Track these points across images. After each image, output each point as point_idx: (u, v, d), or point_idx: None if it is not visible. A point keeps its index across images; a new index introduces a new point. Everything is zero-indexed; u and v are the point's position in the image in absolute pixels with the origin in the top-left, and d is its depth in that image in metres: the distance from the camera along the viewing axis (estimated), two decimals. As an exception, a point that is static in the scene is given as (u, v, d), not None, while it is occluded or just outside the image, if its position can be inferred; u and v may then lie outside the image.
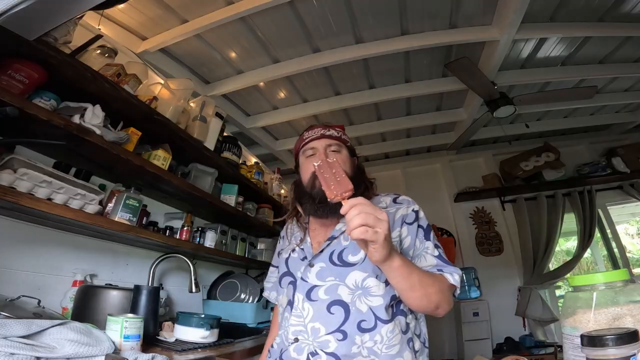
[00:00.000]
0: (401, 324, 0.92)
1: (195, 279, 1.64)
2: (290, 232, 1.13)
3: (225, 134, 2.23)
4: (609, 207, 3.78)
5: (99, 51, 1.41)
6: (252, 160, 2.98)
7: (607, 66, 2.86)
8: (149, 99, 1.55)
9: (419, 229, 0.97)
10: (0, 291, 1.04)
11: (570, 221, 3.73)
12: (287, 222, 1.19)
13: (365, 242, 0.72)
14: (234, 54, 2.53)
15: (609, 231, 3.70)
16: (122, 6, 1.90)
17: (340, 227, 1.00)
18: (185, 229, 1.85)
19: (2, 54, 1.07)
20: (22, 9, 0.91)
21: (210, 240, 1.94)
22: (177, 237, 1.83)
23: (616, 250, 3.60)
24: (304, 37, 2.40)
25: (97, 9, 1.16)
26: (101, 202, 1.30)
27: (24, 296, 1.01)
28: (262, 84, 2.84)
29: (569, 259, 3.61)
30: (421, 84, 2.98)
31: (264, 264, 2.52)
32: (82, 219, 1.18)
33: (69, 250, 1.43)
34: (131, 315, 1.05)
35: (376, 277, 0.91)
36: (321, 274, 0.95)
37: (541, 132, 3.99)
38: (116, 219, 1.33)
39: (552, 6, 2.25)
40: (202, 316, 1.40)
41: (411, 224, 0.97)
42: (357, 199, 0.71)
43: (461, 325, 3.37)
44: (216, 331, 1.41)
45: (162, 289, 1.81)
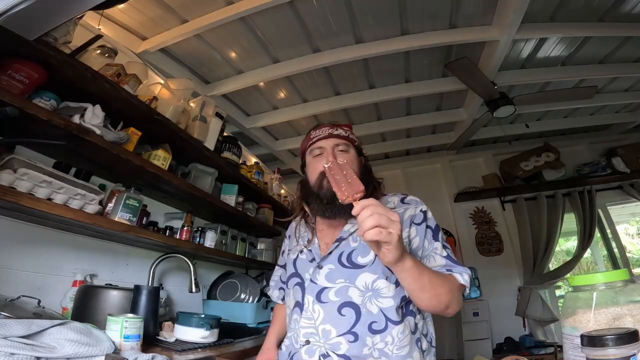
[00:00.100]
0: (410, 325, 0.92)
1: (195, 279, 1.64)
2: (297, 232, 1.12)
3: (225, 134, 2.23)
4: (609, 207, 3.78)
5: (99, 51, 1.41)
6: (252, 160, 2.98)
7: (607, 66, 2.86)
8: (149, 99, 1.55)
9: (428, 229, 0.97)
10: (0, 291, 1.04)
11: (570, 221, 3.73)
12: (294, 222, 1.18)
13: (377, 243, 0.71)
14: (234, 54, 2.54)
15: (609, 231, 3.70)
16: (122, 6, 1.90)
17: (348, 228, 0.99)
18: (185, 229, 1.85)
19: (2, 54, 1.07)
20: (22, 9, 0.91)
21: (210, 240, 1.94)
22: (177, 237, 1.83)
23: (616, 250, 3.60)
24: (304, 37, 2.40)
25: (97, 9, 1.16)
26: (101, 202, 1.30)
27: (24, 296, 1.01)
28: (262, 84, 2.84)
29: (569, 259, 3.62)
30: (421, 84, 2.98)
31: (264, 264, 2.52)
32: (82, 219, 1.18)
33: (69, 250, 1.43)
34: (131, 315, 1.05)
35: (386, 279, 0.91)
36: (330, 276, 0.94)
37: (541, 132, 3.99)
38: (116, 219, 1.33)
39: (552, 6, 2.25)
40: (202, 316, 1.40)
41: (419, 224, 0.97)
42: (368, 200, 0.71)
43: (461, 325, 3.37)
44: (216, 331, 1.41)
45: (162, 289, 1.81)
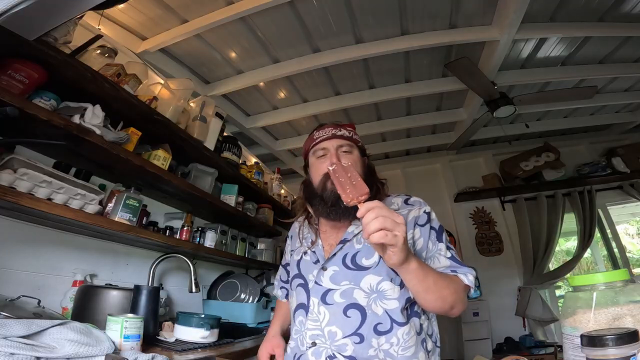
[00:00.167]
0: (416, 326, 0.92)
1: (195, 279, 1.64)
2: (300, 233, 1.12)
3: (225, 134, 2.23)
4: (609, 207, 3.78)
5: (99, 51, 1.41)
6: (252, 160, 2.98)
7: (607, 66, 2.86)
8: (149, 99, 1.55)
9: (432, 230, 0.97)
10: (0, 291, 1.04)
11: (570, 221, 3.73)
12: (296, 222, 1.18)
13: (382, 246, 0.71)
14: (234, 54, 2.53)
15: (609, 231, 3.70)
16: (122, 6, 1.90)
17: (352, 229, 0.99)
18: (185, 229, 1.85)
19: (2, 54, 1.07)
20: (22, 9, 0.91)
21: (210, 240, 1.94)
22: (177, 237, 1.83)
23: (616, 250, 3.60)
24: (304, 37, 2.40)
25: (97, 9, 1.16)
26: (101, 202, 1.30)
27: (24, 296, 1.01)
28: (262, 84, 2.84)
29: (569, 259, 3.62)
30: (421, 84, 2.98)
31: (264, 264, 2.52)
32: (82, 219, 1.18)
33: (69, 250, 1.43)
34: (131, 315, 1.05)
35: (391, 281, 0.91)
36: (335, 278, 0.94)
37: (541, 132, 3.99)
38: (116, 219, 1.33)
39: (552, 6, 2.25)
40: (202, 316, 1.40)
41: (423, 225, 0.97)
42: (373, 202, 0.71)
43: (461, 325, 3.37)
44: (216, 331, 1.41)
45: (162, 289, 1.81)
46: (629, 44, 2.60)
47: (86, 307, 1.21)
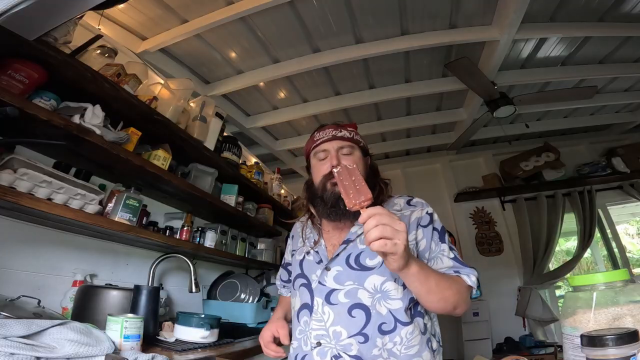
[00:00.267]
0: (420, 325, 0.93)
1: (195, 279, 1.64)
2: (303, 233, 1.11)
3: (225, 134, 2.23)
4: (609, 207, 3.78)
5: (99, 51, 1.41)
6: (252, 160, 2.98)
7: (607, 66, 2.86)
8: (149, 99, 1.55)
9: (434, 231, 0.97)
10: (0, 291, 1.04)
11: (570, 221, 3.73)
12: (298, 222, 1.18)
13: (383, 252, 0.72)
14: (234, 54, 2.53)
15: (609, 231, 3.70)
16: (122, 6, 1.90)
17: (355, 230, 0.99)
18: (185, 229, 1.85)
19: (2, 54, 1.07)
20: (22, 9, 0.91)
21: (210, 240, 1.95)
22: (177, 237, 1.83)
23: (616, 250, 3.60)
24: (304, 37, 2.40)
25: (97, 9, 1.16)
26: (101, 202, 1.30)
27: (24, 296, 1.01)
28: (262, 84, 2.84)
29: (569, 259, 3.62)
30: (421, 84, 2.97)
31: (264, 264, 2.53)
32: (82, 219, 1.18)
33: (69, 250, 1.43)
34: (131, 315, 1.05)
35: (394, 281, 0.91)
36: (339, 278, 0.94)
37: (541, 132, 3.99)
38: (116, 219, 1.33)
39: (552, 6, 2.25)
40: (202, 316, 1.41)
41: (426, 226, 0.97)
42: (375, 208, 0.71)
43: (461, 325, 3.37)
44: (216, 331, 1.41)
45: (162, 289, 1.81)
46: (629, 44, 2.60)
47: (86, 307, 1.21)
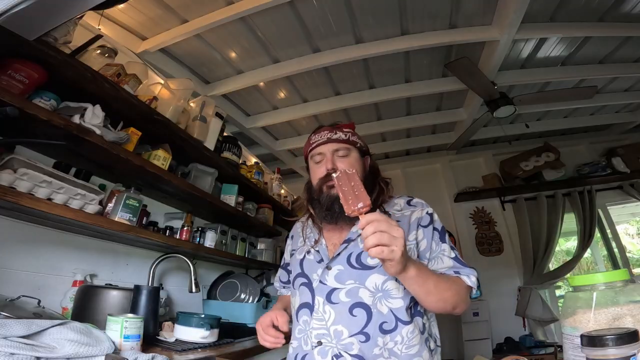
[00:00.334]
0: (419, 325, 0.94)
1: (195, 279, 1.64)
2: (303, 233, 1.11)
3: (225, 134, 2.23)
4: (609, 207, 3.78)
5: (99, 51, 1.41)
6: (252, 160, 2.98)
7: (607, 66, 2.86)
8: (149, 99, 1.55)
9: (435, 231, 0.98)
10: (0, 291, 1.04)
11: (570, 221, 3.73)
12: (299, 222, 1.18)
13: (382, 258, 0.72)
14: (234, 54, 2.53)
15: (609, 231, 3.70)
16: (122, 6, 1.90)
17: (356, 229, 0.98)
18: (185, 229, 1.85)
19: (2, 54, 1.07)
20: (22, 9, 0.91)
21: (210, 240, 1.95)
22: (177, 237, 1.83)
23: (616, 250, 3.60)
24: (304, 37, 2.40)
25: (97, 9, 1.16)
26: (101, 202, 1.30)
27: (24, 296, 1.01)
28: (262, 84, 2.84)
29: (569, 259, 3.61)
30: (421, 84, 2.97)
31: (264, 264, 2.53)
32: (82, 219, 1.18)
33: (69, 250, 1.43)
34: (131, 315, 1.05)
35: (395, 280, 0.91)
36: (340, 277, 0.94)
37: (541, 132, 3.99)
38: (116, 219, 1.33)
39: (552, 6, 2.25)
40: (202, 316, 1.41)
41: (426, 226, 0.98)
42: (373, 215, 0.71)
43: (461, 325, 3.37)
44: (216, 331, 1.41)
45: (162, 289, 1.81)
46: (629, 44, 2.60)
47: (86, 307, 1.21)
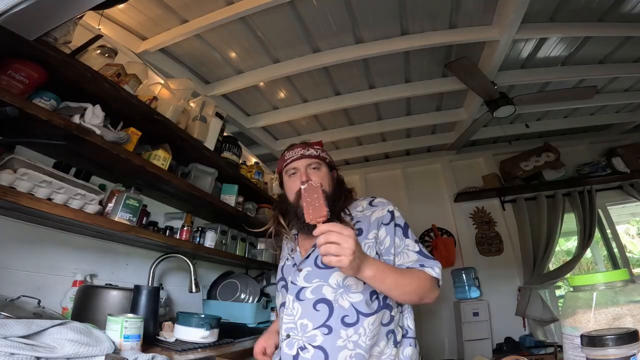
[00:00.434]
0: (384, 317, 1.01)
1: (195, 279, 1.64)
2: (285, 244, 1.23)
3: (225, 134, 2.23)
4: (609, 207, 3.77)
5: (99, 51, 1.41)
6: (252, 160, 2.98)
7: (607, 66, 2.86)
8: (149, 99, 1.55)
9: (397, 227, 1.06)
10: (0, 291, 1.04)
11: (570, 221, 3.73)
12: (285, 235, 1.27)
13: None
14: (234, 54, 2.53)
15: (609, 231, 3.70)
16: (122, 6, 1.90)
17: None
18: (185, 229, 1.85)
19: (2, 54, 1.07)
20: (22, 9, 0.91)
21: (210, 240, 1.95)
22: (177, 237, 1.83)
23: (616, 250, 3.60)
24: (304, 37, 2.40)
25: (97, 9, 1.16)
26: (101, 202, 1.30)
27: (24, 296, 1.01)
28: (262, 84, 2.84)
29: (569, 259, 3.61)
30: (421, 84, 2.97)
31: (264, 264, 2.52)
32: (82, 219, 1.18)
33: (69, 250, 1.43)
34: (131, 315, 1.05)
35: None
36: (308, 277, 1.04)
37: (541, 132, 3.98)
38: (116, 219, 1.33)
39: (552, 6, 2.25)
40: (202, 316, 1.41)
41: (388, 224, 1.06)
42: (326, 225, 0.80)
43: (461, 325, 3.36)
44: (216, 331, 1.41)
45: (162, 289, 1.81)
46: (629, 44, 2.60)
47: (86, 307, 1.21)
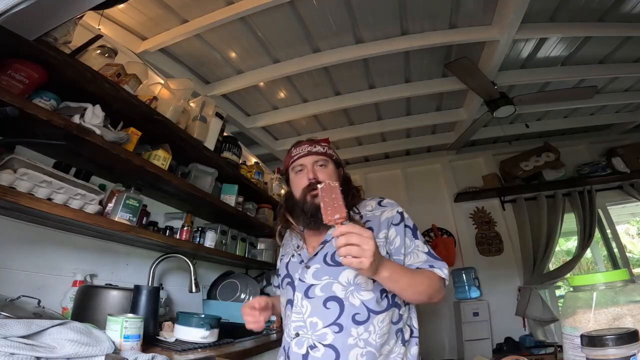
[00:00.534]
0: (394, 315, 1.01)
1: (195, 279, 1.64)
2: (288, 240, 1.22)
3: (225, 134, 2.23)
4: (609, 207, 3.78)
5: (99, 51, 1.41)
6: (252, 160, 2.98)
7: (607, 66, 2.86)
8: (149, 99, 1.55)
9: (407, 228, 1.07)
10: (0, 291, 1.04)
11: (570, 221, 3.73)
12: (287, 231, 1.26)
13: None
14: (234, 54, 2.53)
15: (609, 231, 3.70)
16: (122, 6, 1.90)
17: (332, 231, 1.06)
18: (185, 229, 1.85)
19: (2, 54, 1.07)
20: (22, 9, 0.91)
21: (210, 240, 1.94)
22: (177, 237, 1.83)
23: (616, 250, 3.60)
24: (304, 37, 2.40)
25: (97, 9, 1.16)
26: (101, 202, 1.30)
27: (24, 296, 1.01)
28: (262, 84, 2.84)
29: (569, 259, 3.61)
30: (421, 84, 2.98)
31: (264, 264, 2.52)
32: (82, 219, 1.18)
33: (69, 250, 1.43)
34: (131, 315, 1.05)
35: None
36: (317, 274, 1.02)
37: (541, 132, 3.99)
38: (116, 219, 1.33)
39: (552, 6, 2.25)
40: (202, 316, 1.40)
41: (398, 224, 1.06)
42: (347, 226, 0.79)
43: (461, 325, 3.36)
44: (216, 331, 1.41)
45: (162, 289, 1.81)
46: (629, 44, 2.60)
47: (86, 307, 1.21)
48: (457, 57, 2.46)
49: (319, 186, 0.95)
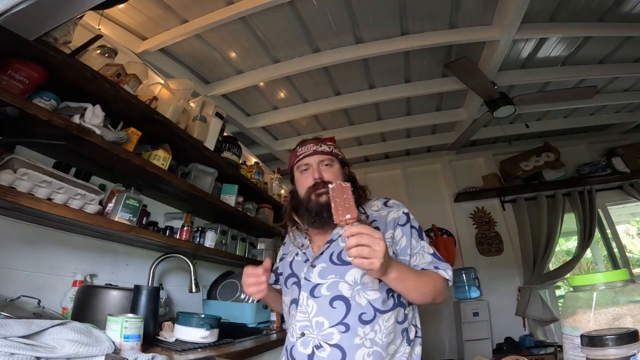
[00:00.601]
0: (399, 314, 1.00)
1: (195, 279, 1.64)
2: (292, 238, 1.20)
3: (225, 134, 2.23)
4: (609, 207, 3.78)
5: (99, 51, 1.41)
6: (252, 160, 2.98)
7: (607, 66, 2.86)
8: (149, 99, 1.55)
9: (412, 229, 1.07)
10: (0, 291, 1.04)
11: (570, 221, 3.73)
12: (289, 230, 1.25)
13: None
14: (234, 54, 2.54)
15: (609, 231, 3.70)
16: (122, 6, 1.90)
17: (337, 230, 1.07)
18: (185, 229, 1.85)
19: (2, 54, 1.07)
20: (22, 9, 0.91)
21: (210, 240, 1.94)
22: (177, 237, 1.83)
23: (616, 250, 3.60)
24: (304, 37, 2.40)
25: (97, 9, 1.16)
26: (101, 202, 1.30)
27: (24, 296, 1.01)
28: (262, 84, 2.84)
29: (569, 259, 3.61)
30: (421, 84, 2.98)
31: (264, 264, 2.52)
32: (82, 219, 1.18)
33: (69, 250, 1.43)
34: (131, 315, 1.05)
35: None
36: (323, 273, 1.01)
37: (541, 132, 3.99)
38: (116, 219, 1.33)
39: (552, 6, 2.25)
40: (202, 316, 1.40)
41: (404, 225, 1.07)
42: (358, 227, 0.79)
43: (461, 325, 3.36)
44: (216, 331, 1.41)
45: (162, 289, 1.81)
46: (629, 44, 2.60)
47: (86, 307, 1.21)
48: (457, 57, 2.46)
49: (330, 186, 0.94)
